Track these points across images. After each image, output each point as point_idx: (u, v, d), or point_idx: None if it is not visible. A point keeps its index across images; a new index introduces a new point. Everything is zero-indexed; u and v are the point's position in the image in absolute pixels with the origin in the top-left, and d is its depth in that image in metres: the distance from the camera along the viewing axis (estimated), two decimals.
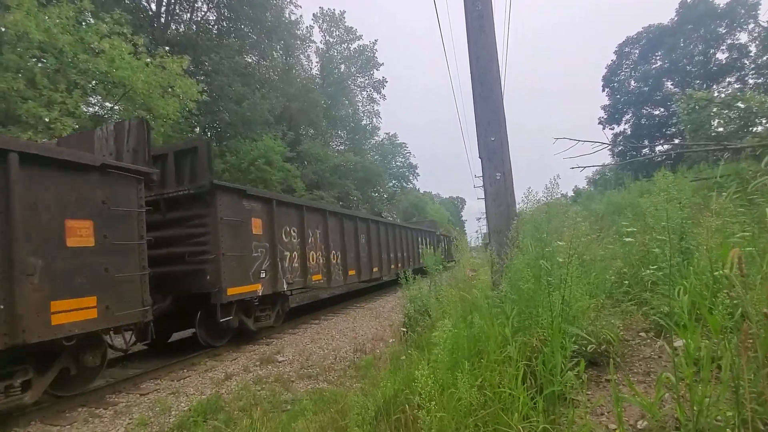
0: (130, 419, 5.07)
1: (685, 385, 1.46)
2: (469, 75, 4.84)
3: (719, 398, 1.38)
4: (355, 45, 39.03)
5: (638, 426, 1.72)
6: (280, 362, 7.22)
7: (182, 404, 5.47)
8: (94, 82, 12.55)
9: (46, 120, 10.75)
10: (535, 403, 1.83)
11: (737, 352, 1.20)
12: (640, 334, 2.72)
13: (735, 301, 1.77)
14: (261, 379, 6.20)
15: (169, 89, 13.73)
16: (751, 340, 1.29)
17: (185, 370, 6.98)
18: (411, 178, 49.99)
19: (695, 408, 1.38)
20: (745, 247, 2.44)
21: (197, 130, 21.27)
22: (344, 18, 38.32)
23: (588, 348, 2.24)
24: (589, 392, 2.16)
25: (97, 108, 14.40)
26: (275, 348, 8.15)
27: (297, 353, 7.76)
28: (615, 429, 1.59)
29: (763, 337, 1.33)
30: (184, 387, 6.15)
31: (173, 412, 5.19)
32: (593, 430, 1.70)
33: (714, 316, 1.41)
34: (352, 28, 38.78)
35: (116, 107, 13.82)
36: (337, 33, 38.60)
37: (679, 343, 1.91)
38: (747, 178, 4.17)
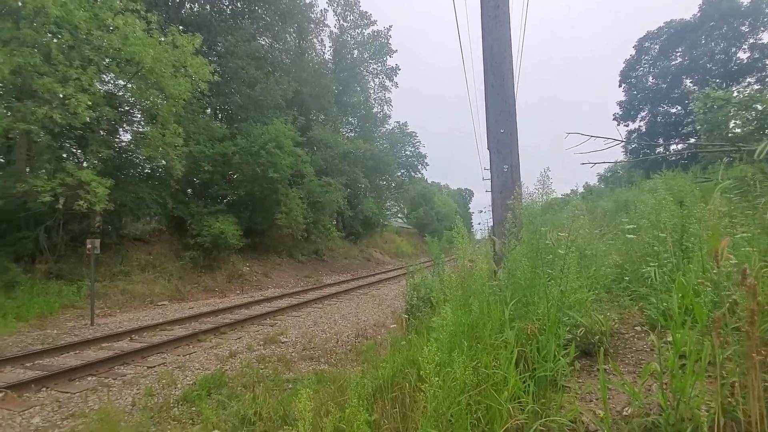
0: (137, 389, 5.27)
1: (669, 375, 1.52)
2: (482, 65, 4.83)
3: (693, 387, 1.43)
4: (369, 30, 38.54)
5: (624, 412, 1.79)
6: (283, 343, 7.39)
7: (187, 378, 5.66)
8: (107, 59, 12.62)
9: (61, 96, 10.89)
10: (527, 387, 1.91)
11: (717, 343, 1.26)
12: (635, 327, 2.78)
13: (712, 291, 1.81)
14: (264, 358, 6.37)
15: (182, 68, 13.74)
16: (722, 330, 1.34)
17: (191, 346, 7.19)
18: (420, 167, 49.71)
19: (677, 396, 1.45)
20: (744, 247, 2.46)
21: (208, 111, 21.30)
22: (359, 2, 37.80)
23: (578, 333, 2.30)
24: (581, 380, 2.24)
25: (110, 86, 14.52)
26: (279, 329, 8.33)
27: (300, 335, 7.92)
28: (602, 414, 1.66)
29: (748, 330, 1.38)
30: (189, 362, 6.34)
31: (179, 385, 5.37)
32: (580, 414, 1.77)
33: (700, 307, 1.46)
34: (366, 12, 38.25)
35: (129, 85, 13.91)
36: (352, 18, 38.08)
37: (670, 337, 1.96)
38: (747, 179, 4.15)
